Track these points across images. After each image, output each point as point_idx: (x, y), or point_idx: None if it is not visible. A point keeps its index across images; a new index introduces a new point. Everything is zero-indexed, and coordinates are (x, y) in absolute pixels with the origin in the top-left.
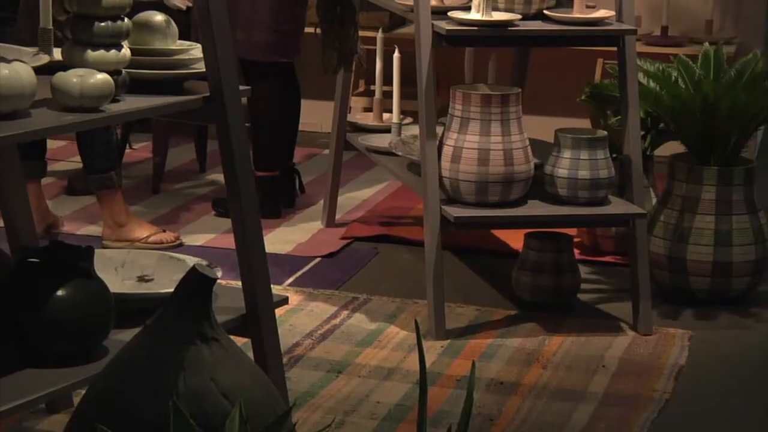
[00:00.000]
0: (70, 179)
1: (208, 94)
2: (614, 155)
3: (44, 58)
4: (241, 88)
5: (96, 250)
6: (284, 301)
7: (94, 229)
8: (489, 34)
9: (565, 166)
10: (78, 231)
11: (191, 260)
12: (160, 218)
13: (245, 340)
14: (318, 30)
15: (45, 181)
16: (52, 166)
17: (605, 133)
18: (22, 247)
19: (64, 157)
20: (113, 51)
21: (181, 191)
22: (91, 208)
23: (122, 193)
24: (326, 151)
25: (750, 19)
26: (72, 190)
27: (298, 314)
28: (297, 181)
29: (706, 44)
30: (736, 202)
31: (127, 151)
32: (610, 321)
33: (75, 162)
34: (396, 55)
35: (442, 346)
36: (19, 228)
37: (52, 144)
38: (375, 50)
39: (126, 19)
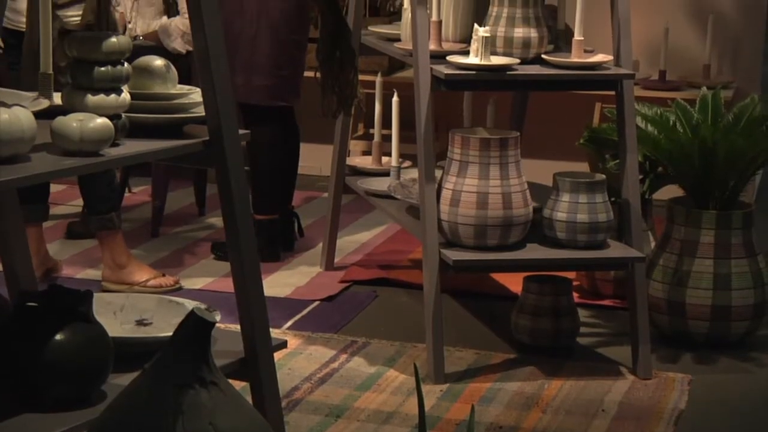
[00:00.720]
0: (70, 223)
1: (207, 138)
2: (613, 199)
3: (44, 103)
4: (241, 132)
5: (95, 294)
6: (283, 344)
7: (93, 273)
8: (487, 78)
9: (563, 209)
10: (77, 275)
11: (190, 304)
12: (159, 262)
13: (244, 383)
14: (317, 74)
15: (45, 224)
16: (51, 210)
17: (604, 176)
18: (21, 291)
19: (63, 201)
20: (113, 95)
21: (181, 235)
22: (90, 252)
23: (123, 235)
24: (325, 195)
25: (747, 63)
26: (72, 234)
27: (297, 358)
28: (296, 225)
29: (704, 89)
30: (735, 245)
31: (127, 194)
32: (610, 365)
33: (75, 206)
34: (395, 99)
35: (441, 390)
36: (19, 272)
37: (51, 188)
38: (374, 94)
39: (126, 64)
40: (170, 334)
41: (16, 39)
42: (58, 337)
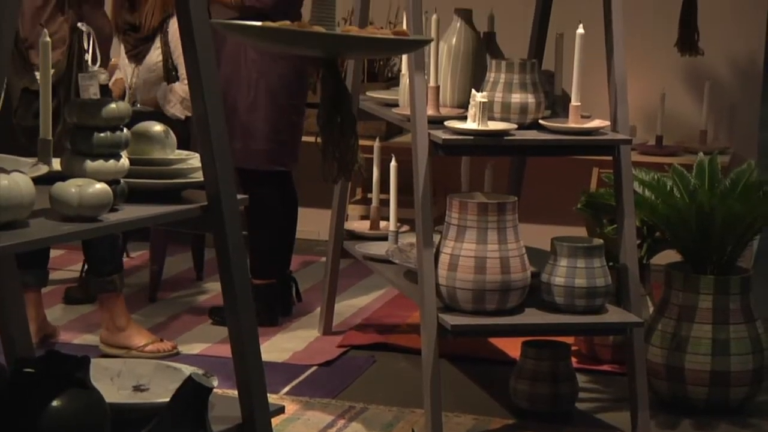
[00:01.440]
0: (68, 288)
1: (205, 203)
2: (611, 263)
3: (43, 169)
4: (239, 196)
5: (92, 360)
6: (280, 410)
7: (91, 339)
8: (485, 143)
9: (561, 274)
10: (74, 340)
11: (188, 369)
12: (157, 327)
13: None
14: (318, 139)
15: (43, 289)
16: (50, 275)
17: (601, 241)
18: (18, 356)
19: (61, 266)
20: (112, 161)
21: (178, 299)
22: (88, 317)
23: (124, 299)
24: (323, 259)
25: (744, 129)
26: (70, 299)
27: (295, 423)
28: (294, 289)
29: (701, 154)
30: (733, 311)
31: (125, 259)
32: (609, 431)
33: (73, 271)
34: (393, 163)
35: None
36: (16, 338)
37: (50, 252)
38: (372, 159)
39: (125, 130)
40: (167, 399)
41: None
42: (54, 403)
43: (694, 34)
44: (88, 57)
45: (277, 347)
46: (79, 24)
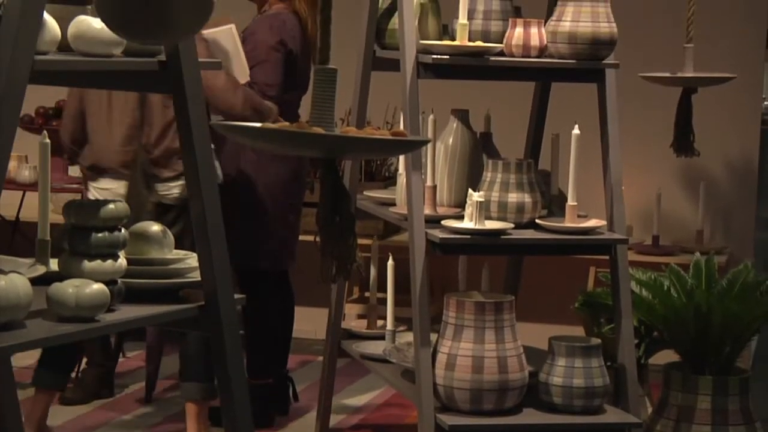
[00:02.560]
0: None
1: (203, 302)
2: (609, 363)
3: (40, 269)
4: (236, 296)
5: None
6: None
7: None
8: (482, 243)
9: (559, 374)
10: None
11: None
12: (152, 428)
13: None
14: (317, 239)
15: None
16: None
17: (599, 341)
18: None
19: None
20: (110, 261)
21: (174, 400)
22: (84, 419)
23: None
24: (320, 358)
25: (740, 229)
26: (65, 400)
27: None
28: (291, 389)
29: (698, 254)
30: (732, 412)
31: (121, 359)
32: None
33: None
34: (390, 262)
35: None
36: None
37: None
38: (370, 258)
39: (123, 230)
40: None
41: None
42: None
43: (690, 135)
44: None
45: None
46: None
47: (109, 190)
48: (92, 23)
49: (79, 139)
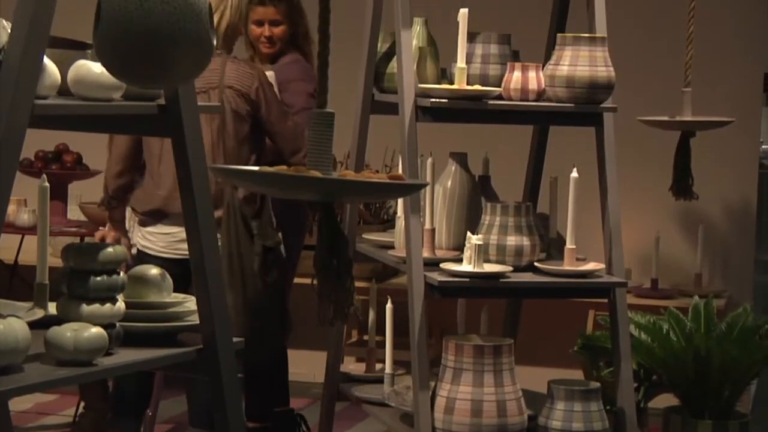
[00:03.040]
0: None
1: (201, 346)
2: (608, 407)
3: (39, 313)
4: (234, 339)
5: None
6: None
7: None
8: (481, 286)
9: (558, 417)
10: None
11: None
12: None
13: None
14: (314, 282)
15: None
16: (41, 420)
17: (598, 384)
18: None
19: (54, 411)
20: (108, 305)
21: None
22: None
23: None
24: (319, 402)
25: (738, 272)
26: None
27: None
28: (303, 426)
29: (696, 297)
30: None
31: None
32: None
33: (66, 416)
34: (389, 305)
35: None
36: None
37: (42, 398)
38: (368, 300)
39: (122, 273)
40: None
41: (181, 268)
42: None
43: (689, 179)
44: None
45: None
46: None
47: (170, 234)
48: (92, 68)
49: (126, 183)
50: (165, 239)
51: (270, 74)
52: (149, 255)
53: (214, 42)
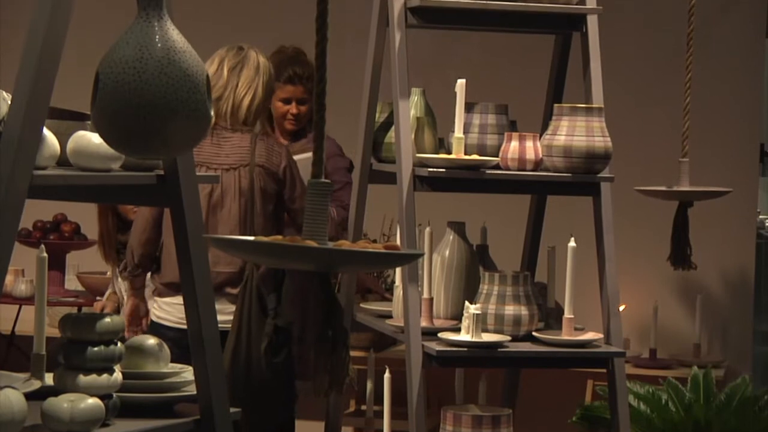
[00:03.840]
0: None
1: (198, 417)
2: None
3: (35, 384)
4: (232, 410)
5: None
6: None
7: None
8: (479, 355)
9: None
10: None
11: None
12: None
13: None
14: (310, 353)
15: None
16: None
17: None
18: None
19: None
20: (105, 375)
21: None
22: None
23: None
24: None
25: (737, 343)
26: None
27: None
28: None
29: (695, 367)
30: None
31: None
32: None
33: None
34: (387, 375)
35: None
36: None
37: None
38: (366, 370)
39: (119, 344)
40: None
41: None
42: None
43: (687, 249)
44: None
45: None
46: None
47: None
48: (91, 138)
49: (152, 250)
50: (183, 310)
51: (309, 155)
52: (165, 326)
53: (212, 113)
